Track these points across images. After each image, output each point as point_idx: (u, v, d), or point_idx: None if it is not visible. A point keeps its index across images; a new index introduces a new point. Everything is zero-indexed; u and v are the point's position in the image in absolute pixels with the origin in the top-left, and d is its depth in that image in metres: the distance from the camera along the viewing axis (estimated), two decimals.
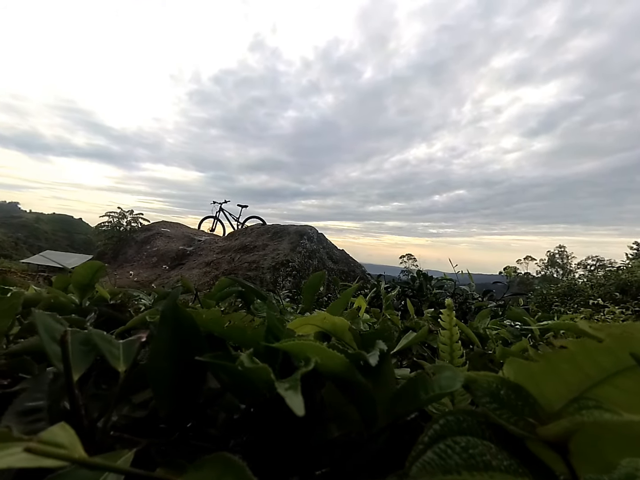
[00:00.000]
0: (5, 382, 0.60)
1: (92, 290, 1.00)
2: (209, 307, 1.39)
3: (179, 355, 0.40)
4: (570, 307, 8.05)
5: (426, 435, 0.28)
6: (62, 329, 0.42)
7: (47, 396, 0.42)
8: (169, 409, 0.39)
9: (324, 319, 0.57)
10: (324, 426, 0.44)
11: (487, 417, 0.34)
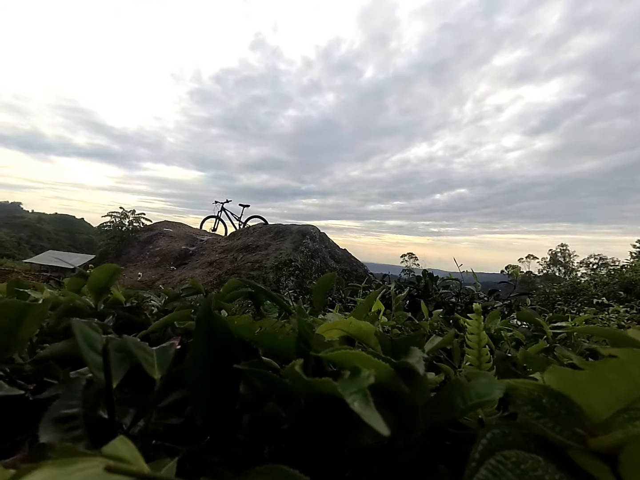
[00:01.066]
0: (31, 387, 0.60)
1: (108, 293, 1.01)
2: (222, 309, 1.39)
3: (215, 362, 0.40)
4: (573, 306, 8.02)
5: (477, 452, 0.28)
6: (97, 336, 0.41)
7: (82, 403, 0.42)
8: (206, 416, 0.39)
9: (350, 324, 0.57)
10: (356, 433, 0.44)
11: (529, 427, 0.34)
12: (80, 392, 0.43)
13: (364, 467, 0.43)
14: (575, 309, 7.81)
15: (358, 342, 0.57)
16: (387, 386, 0.32)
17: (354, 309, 0.67)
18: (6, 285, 1.22)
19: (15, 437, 0.56)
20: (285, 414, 0.35)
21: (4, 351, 0.51)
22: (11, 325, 0.47)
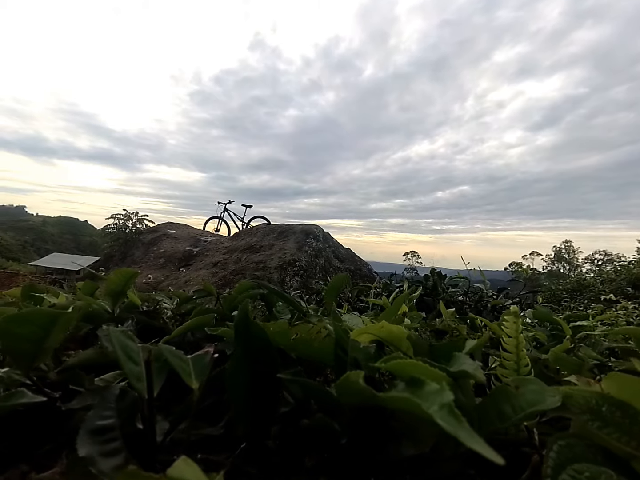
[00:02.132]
0: (57, 395, 0.59)
1: (124, 297, 1.00)
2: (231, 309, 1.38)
3: (254, 370, 0.39)
4: (580, 303, 7.94)
5: (548, 466, 0.27)
6: (134, 346, 0.40)
7: (117, 414, 0.41)
8: (247, 426, 0.38)
9: (381, 328, 0.55)
10: (398, 442, 0.43)
11: (591, 438, 0.32)
12: (114, 402, 0.42)
13: (407, 477, 0.41)
14: (582, 306, 7.75)
15: (392, 347, 0.56)
16: None
17: (382, 313, 0.65)
18: (21, 289, 1.22)
19: (44, 445, 0.55)
20: (337, 426, 0.34)
21: (32, 360, 0.50)
22: (40, 333, 0.46)
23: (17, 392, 0.49)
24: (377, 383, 0.44)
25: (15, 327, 0.44)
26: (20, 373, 0.53)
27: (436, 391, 0.23)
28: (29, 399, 0.47)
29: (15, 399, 0.46)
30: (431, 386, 0.25)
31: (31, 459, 0.52)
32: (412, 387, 0.27)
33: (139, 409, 0.41)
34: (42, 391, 0.56)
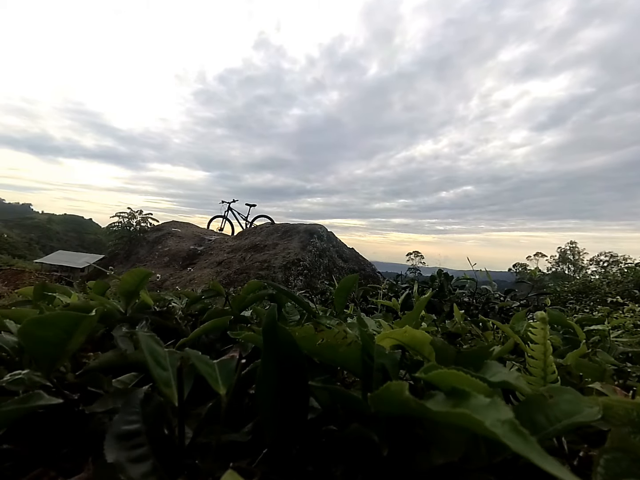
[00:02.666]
0: (75, 397, 0.59)
1: (137, 297, 1.00)
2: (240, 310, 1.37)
3: (284, 377, 0.38)
4: (586, 305, 7.87)
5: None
6: (162, 351, 0.40)
7: (143, 419, 0.40)
8: (276, 433, 0.37)
9: (404, 333, 0.54)
10: (427, 451, 0.42)
11: (635, 452, 0.31)
12: (138, 406, 0.42)
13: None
14: (588, 308, 7.70)
15: (414, 352, 0.55)
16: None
17: (404, 317, 0.64)
18: (33, 288, 1.22)
19: (62, 448, 0.55)
20: (376, 437, 0.33)
21: (54, 362, 0.49)
22: (63, 336, 0.46)
23: (35, 394, 0.48)
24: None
25: (39, 330, 0.44)
26: (41, 375, 0.52)
27: (488, 405, 0.22)
28: (47, 401, 0.46)
29: (32, 401, 0.45)
30: (479, 399, 0.24)
31: (50, 462, 0.51)
32: (456, 399, 0.26)
33: (165, 414, 0.40)
34: (62, 393, 0.56)
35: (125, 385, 0.62)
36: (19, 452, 0.52)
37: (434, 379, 0.29)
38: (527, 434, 0.19)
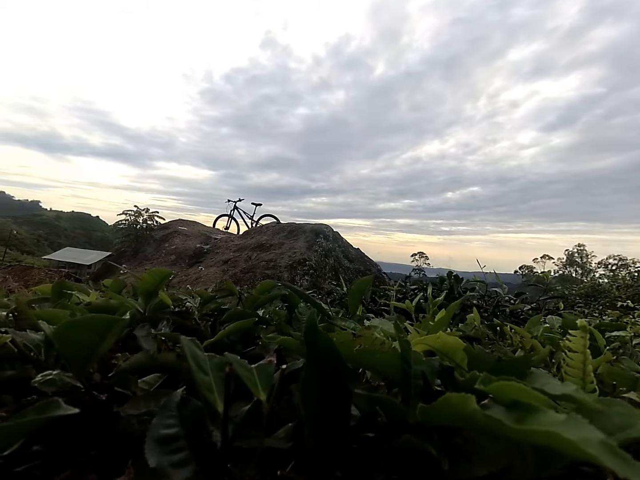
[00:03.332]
0: (103, 398, 0.59)
1: (156, 297, 1.00)
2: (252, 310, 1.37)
3: (325, 383, 0.37)
4: (594, 308, 7.77)
5: None
6: (202, 355, 0.39)
7: (180, 423, 0.40)
8: (319, 440, 0.37)
9: (437, 339, 0.53)
10: (468, 461, 0.41)
11: None
12: (175, 410, 0.41)
13: None
14: (597, 312, 7.61)
15: (445, 358, 0.54)
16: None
17: (436, 322, 0.63)
18: (52, 286, 1.23)
19: (90, 450, 0.55)
20: (433, 450, 0.32)
21: (86, 364, 0.49)
22: (96, 339, 0.46)
23: (52, 402, 0.42)
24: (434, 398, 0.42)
25: (74, 332, 0.44)
26: (72, 376, 0.52)
27: (567, 422, 0.21)
28: (64, 410, 0.41)
29: (50, 411, 0.41)
30: (551, 415, 0.23)
31: (78, 463, 0.51)
32: (521, 413, 0.25)
33: (203, 419, 0.40)
34: (90, 394, 0.56)
35: (150, 386, 0.62)
36: (48, 453, 0.52)
37: (495, 390, 0.28)
38: (629, 457, 0.18)
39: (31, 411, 0.40)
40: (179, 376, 0.66)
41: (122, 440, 0.53)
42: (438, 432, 0.39)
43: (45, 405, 0.41)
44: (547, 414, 0.23)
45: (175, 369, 0.65)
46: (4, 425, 0.34)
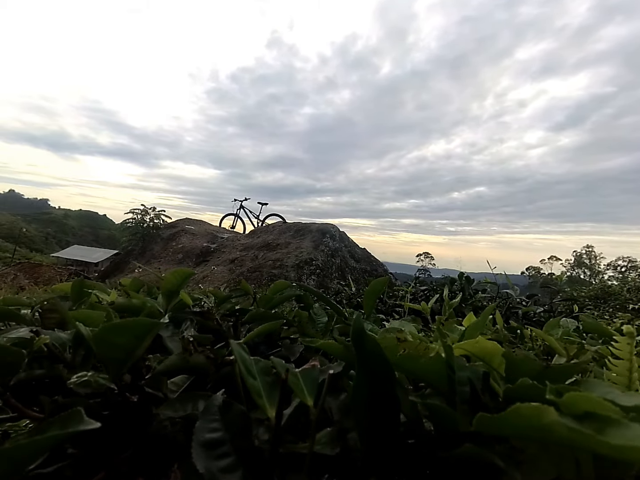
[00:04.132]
0: (135, 399, 0.59)
1: (177, 296, 1.00)
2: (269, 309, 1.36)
3: (374, 389, 0.37)
4: (604, 311, 7.64)
5: None
6: (249, 359, 0.39)
7: (224, 427, 0.39)
8: (368, 447, 0.36)
9: (476, 343, 0.52)
10: (519, 471, 0.40)
11: None
12: (217, 413, 0.41)
13: None
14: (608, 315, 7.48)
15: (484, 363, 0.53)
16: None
17: (471, 325, 0.62)
18: (71, 285, 1.24)
19: (124, 451, 0.54)
20: (501, 462, 0.31)
21: (123, 367, 0.49)
22: (134, 342, 0.45)
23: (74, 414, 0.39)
24: (489, 408, 0.41)
25: (114, 335, 0.44)
26: (106, 377, 0.52)
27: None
28: (86, 425, 0.37)
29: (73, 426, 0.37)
30: (636, 429, 0.22)
31: (111, 465, 0.51)
32: (598, 425, 0.24)
33: (248, 424, 0.39)
34: (123, 395, 0.56)
35: (178, 387, 0.62)
36: (81, 455, 0.52)
37: (567, 402, 0.27)
38: None
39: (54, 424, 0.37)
40: (207, 378, 0.66)
41: (156, 442, 0.53)
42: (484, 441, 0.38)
43: (68, 418, 0.37)
44: (632, 427, 0.22)
45: (205, 370, 0.64)
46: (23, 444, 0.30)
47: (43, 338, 0.50)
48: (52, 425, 0.34)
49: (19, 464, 0.31)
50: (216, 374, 0.65)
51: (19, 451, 0.30)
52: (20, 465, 0.31)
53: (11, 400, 0.49)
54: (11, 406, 0.50)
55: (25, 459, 0.31)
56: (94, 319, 0.58)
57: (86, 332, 0.49)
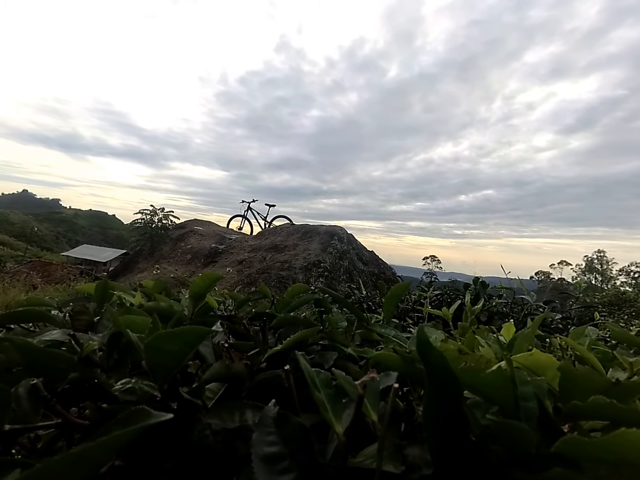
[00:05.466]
0: (174, 406, 0.58)
1: (204, 300, 0.99)
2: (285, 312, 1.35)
3: (442, 403, 0.35)
4: (619, 318, 7.47)
5: None
6: (312, 371, 0.38)
7: (283, 441, 0.38)
8: (441, 465, 0.34)
9: (530, 356, 0.50)
10: None
11: None
12: (272, 425, 0.40)
13: None
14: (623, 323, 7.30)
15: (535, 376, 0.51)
16: None
17: (520, 337, 0.60)
18: (95, 286, 1.24)
19: (165, 462, 0.53)
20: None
21: (170, 374, 0.48)
22: (186, 350, 0.45)
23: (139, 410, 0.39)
24: (556, 427, 0.39)
25: (166, 343, 0.43)
26: (153, 385, 0.51)
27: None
28: (156, 418, 0.36)
29: (141, 420, 0.36)
30: None
31: (155, 477, 0.50)
32: None
33: (307, 437, 0.38)
34: (166, 403, 0.55)
35: (214, 394, 0.61)
36: (127, 467, 0.51)
37: None
38: None
39: (114, 424, 0.36)
40: (242, 385, 0.65)
41: (199, 453, 0.52)
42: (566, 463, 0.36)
43: (133, 414, 0.37)
44: None
45: (240, 378, 0.63)
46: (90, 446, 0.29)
47: (92, 344, 0.49)
48: (114, 426, 0.33)
49: (92, 466, 0.30)
50: (251, 382, 0.64)
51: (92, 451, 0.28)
52: (93, 468, 0.30)
53: (57, 406, 0.48)
54: (56, 413, 0.49)
55: (98, 460, 0.30)
56: (138, 324, 0.58)
57: (135, 339, 0.48)
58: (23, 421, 0.47)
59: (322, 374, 0.38)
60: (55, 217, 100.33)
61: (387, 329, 1.07)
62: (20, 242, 44.37)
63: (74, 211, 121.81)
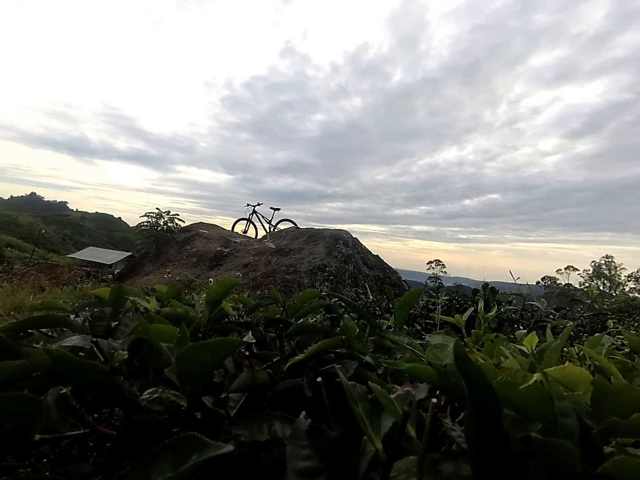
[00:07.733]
0: (199, 416, 0.58)
1: (220, 306, 0.99)
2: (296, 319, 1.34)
3: (484, 421, 0.34)
4: (630, 325, 7.33)
5: None
6: (349, 383, 0.37)
7: (318, 455, 0.38)
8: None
9: (562, 369, 0.50)
10: None
11: None
12: (306, 439, 0.39)
13: None
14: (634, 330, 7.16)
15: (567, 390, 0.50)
16: None
17: (550, 349, 0.59)
18: (110, 291, 1.25)
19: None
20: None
21: (199, 383, 0.48)
22: (217, 360, 0.45)
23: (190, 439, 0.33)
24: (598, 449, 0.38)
25: (199, 354, 0.43)
26: (180, 395, 0.51)
27: None
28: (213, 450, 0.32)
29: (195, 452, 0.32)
30: None
31: None
32: None
33: (344, 451, 0.37)
34: (191, 413, 0.55)
35: (236, 403, 0.61)
36: None
37: None
38: None
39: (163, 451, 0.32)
40: (264, 394, 0.65)
41: (223, 465, 0.51)
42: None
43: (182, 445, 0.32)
44: None
45: (265, 387, 0.63)
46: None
47: (122, 354, 0.49)
48: (161, 452, 0.32)
49: None
50: (272, 391, 0.64)
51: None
52: None
53: (85, 416, 0.48)
54: (84, 422, 0.49)
55: None
56: (164, 333, 0.58)
57: (165, 350, 0.48)
58: (52, 430, 0.47)
59: (357, 387, 0.38)
60: (62, 220, 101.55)
61: (401, 336, 1.06)
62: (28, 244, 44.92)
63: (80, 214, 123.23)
